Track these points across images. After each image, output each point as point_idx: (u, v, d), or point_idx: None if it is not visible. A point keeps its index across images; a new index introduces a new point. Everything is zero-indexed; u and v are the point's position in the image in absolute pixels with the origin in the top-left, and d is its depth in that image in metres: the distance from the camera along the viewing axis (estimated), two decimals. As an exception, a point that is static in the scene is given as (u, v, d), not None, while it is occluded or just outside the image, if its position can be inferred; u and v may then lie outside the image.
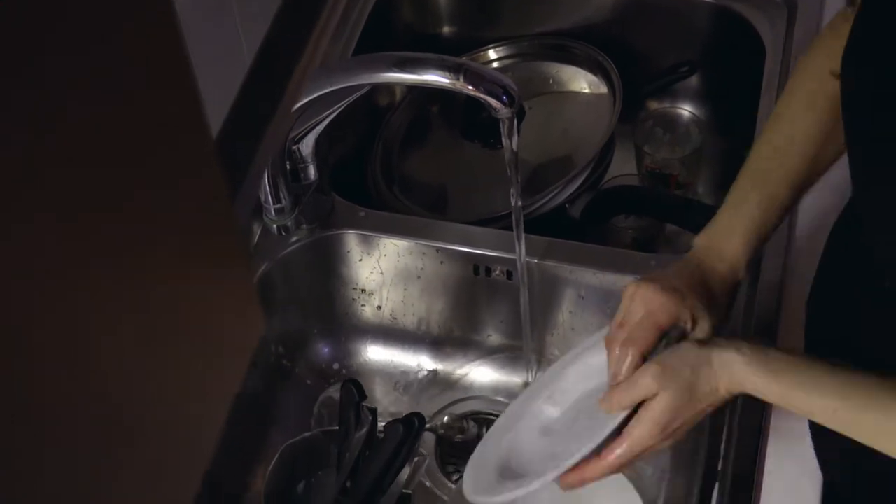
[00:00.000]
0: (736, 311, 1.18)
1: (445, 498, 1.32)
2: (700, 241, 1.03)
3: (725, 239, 1.02)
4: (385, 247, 1.37)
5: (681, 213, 1.44)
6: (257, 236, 1.34)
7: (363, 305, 1.42)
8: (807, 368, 0.91)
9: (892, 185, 0.84)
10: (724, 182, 1.55)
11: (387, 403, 1.41)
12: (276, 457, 1.23)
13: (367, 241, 1.37)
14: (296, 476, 1.26)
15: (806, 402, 0.91)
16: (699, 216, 1.37)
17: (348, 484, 1.20)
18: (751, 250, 1.02)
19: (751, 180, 1.04)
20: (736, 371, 0.90)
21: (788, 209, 1.05)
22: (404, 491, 1.19)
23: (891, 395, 0.87)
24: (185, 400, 0.48)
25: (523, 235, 1.21)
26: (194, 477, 0.51)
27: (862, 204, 0.92)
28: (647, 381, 0.90)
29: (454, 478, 1.36)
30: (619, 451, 0.92)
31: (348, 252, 1.37)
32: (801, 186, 1.05)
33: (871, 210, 0.90)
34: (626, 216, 1.49)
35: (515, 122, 1.08)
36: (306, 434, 1.26)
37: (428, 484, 1.34)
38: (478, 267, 1.35)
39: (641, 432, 0.91)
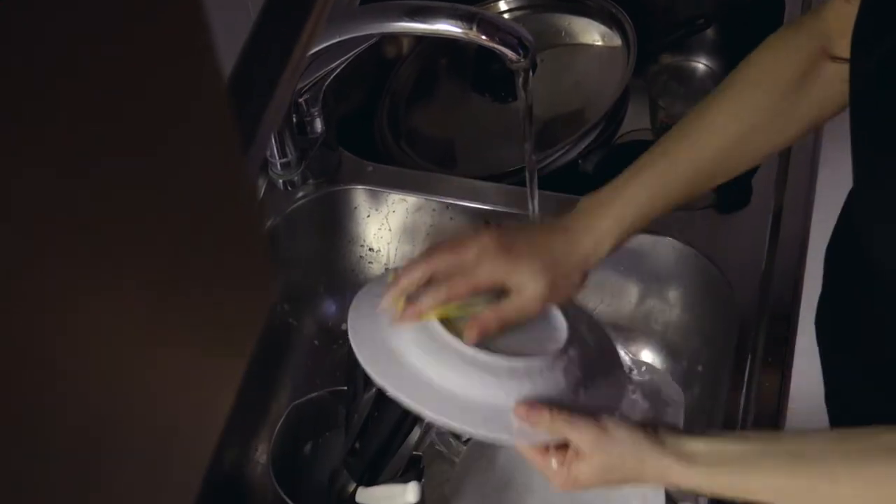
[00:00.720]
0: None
1: (455, 459, 1.30)
2: (582, 204, 0.98)
3: (602, 213, 0.96)
4: (393, 202, 1.33)
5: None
6: (262, 191, 1.31)
7: (370, 263, 1.39)
8: (743, 452, 0.83)
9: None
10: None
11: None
12: (283, 417, 1.20)
13: (374, 197, 1.33)
14: (303, 437, 1.24)
15: (749, 488, 0.83)
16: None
17: (357, 445, 1.17)
18: (622, 234, 0.96)
19: (653, 155, 0.97)
20: (668, 475, 0.85)
21: (678, 202, 0.98)
22: (414, 453, 1.16)
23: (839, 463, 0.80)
24: (188, 386, 0.45)
25: (536, 191, 1.17)
26: (195, 471, 0.49)
27: (863, 195, 0.88)
28: (586, 436, 0.86)
29: (464, 438, 1.33)
30: (530, 459, 0.90)
31: (356, 208, 1.34)
32: (701, 182, 0.98)
33: (872, 199, 0.86)
34: (640, 171, 1.45)
35: (531, 73, 1.05)
36: (313, 395, 1.23)
37: (438, 447, 1.31)
38: (488, 223, 1.31)
39: (554, 472, 0.88)
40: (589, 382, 0.96)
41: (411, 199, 1.33)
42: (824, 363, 1.07)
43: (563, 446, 0.88)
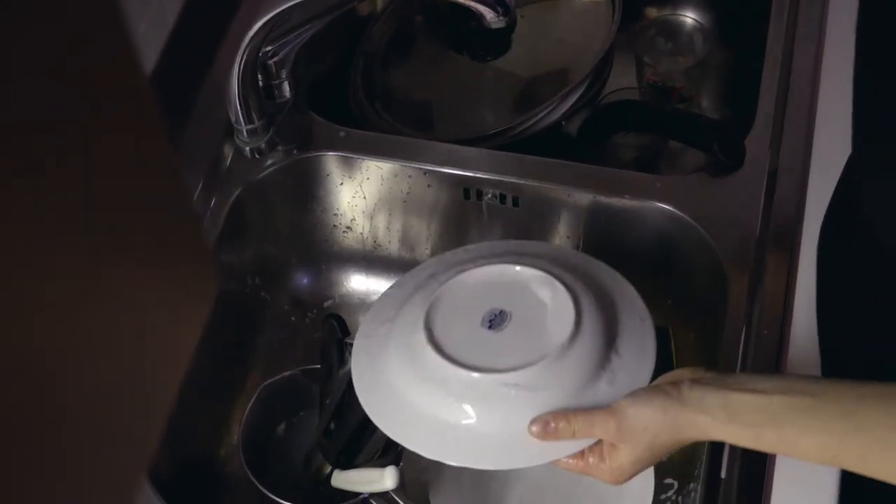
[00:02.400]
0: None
1: (436, 437, 1.24)
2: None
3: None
4: (367, 169, 1.27)
5: (684, 129, 1.34)
6: (229, 160, 1.24)
7: (345, 232, 1.33)
8: (791, 408, 0.77)
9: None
10: (731, 95, 1.46)
11: (372, 337, 1.32)
12: (254, 398, 1.14)
13: (347, 164, 1.27)
14: (275, 418, 1.18)
15: (798, 449, 0.79)
16: (705, 132, 1.29)
17: (331, 426, 1.11)
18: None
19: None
20: (710, 432, 0.80)
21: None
22: (392, 434, 1.10)
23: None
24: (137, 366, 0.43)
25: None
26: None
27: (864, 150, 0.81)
28: (609, 429, 0.82)
29: (445, 415, 1.28)
30: (571, 464, 0.86)
31: (328, 175, 1.27)
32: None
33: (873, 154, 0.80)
34: (627, 133, 1.39)
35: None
36: (285, 373, 1.17)
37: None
38: (468, 190, 1.25)
39: (600, 470, 0.85)
40: (608, 362, 0.89)
41: (387, 166, 1.26)
42: (823, 336, 1.02)
43: (597, 443, 0.85)
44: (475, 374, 0.87)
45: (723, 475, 1.03)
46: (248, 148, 1.21)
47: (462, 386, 0.87)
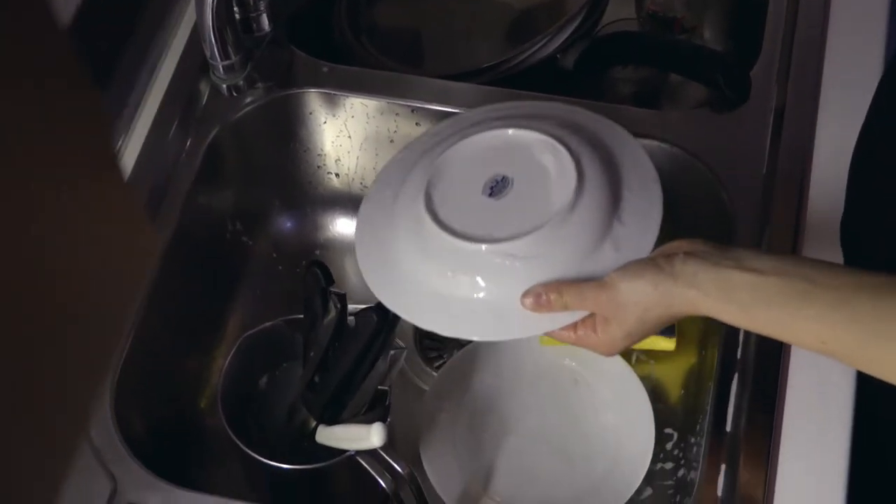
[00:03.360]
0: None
1: (426, 388, 1.19)
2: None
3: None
4: (352, 107, 1.20)
5: (686, 62, 1.29)
6: (205, 98, 1.17)
7: (329, 173, 1.26)
8: (785, 291, 0.75)
9: None
10: (734, 25, 1.39)
11: (360, 286, 1.26)
12: (234, 349, 1.08)
13: (331, 101, 1.20)
14: (257, 370, 1.12)
15: (788, 332, 0.78)
16: (707, 64, 1.23)
17: (316, 379, 1.06)
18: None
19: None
20: (701, 308, 0.78)
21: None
22: (380, 387, 1.05)
23: None
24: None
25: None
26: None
27: None
28: (600, 302, 0.81)
29: (436, 364, 1.22)
30: (564, 335, 0.86)
31: (311, 114, 1.21)
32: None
33: None
34: (625, 66, 1.34)
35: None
36: (267, 324, 1.11)
37: (408, 372, 1.20)
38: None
39: (591, 341, 0.85)
40: (611, 230, 0.86)
41: (373, 103, 1.20)
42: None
43: (589, 316, 0.84)
44: (473, 245, 0.85)
45: (728, 429, 0.98)
46: (224, 85, 1.15)
47: (460, 256, 0.86)
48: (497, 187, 0.89)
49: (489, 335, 0.88)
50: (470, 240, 0.86)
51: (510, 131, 0.92)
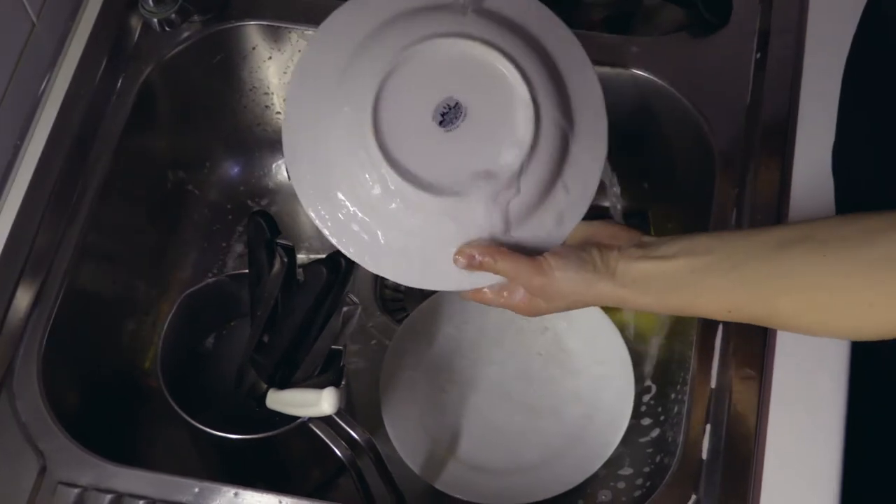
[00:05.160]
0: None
1: (387, 342, 1.10)
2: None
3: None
4: (300, 40, 1.10)
5: (662, -17, 1.18)
6: (136, 35, 1.07)
7: (279, 113, 1.17)
8: (689, 270, 0.77)
9: None
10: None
11: (314, 236, 1.17)
12: (174, 308, 0.99)
13: (276, 34, 1.10)
14: (200, 330, 1.04)
15: (697, 309, 0.80)
16: (685, -15, 1.13)
17: (265, 339, 0.97)
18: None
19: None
20: (629, 304, 0.81)
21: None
22: (334, 347, 0.96)
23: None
24: None
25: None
26: None
27: None
28: (531, 281, 0.80)
29: (398, 317, 1.14)
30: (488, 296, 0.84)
31: (254, 49, 1.11)
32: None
33: None
34: (597, -11, 1.23)
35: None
36: (210, 280, 1.02)
37: (369, 325, 1.12)
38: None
39: (515, 307, 0.84)
40: (554, 193, 0.82)
41: (322, 35, 1.10)
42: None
43: None
44: (418, 192, 0.78)
45: (712, 385, 0.90)
46: (155, 19, 1.04)
47: (403, 196, 0.78)
48: (448, 116, 0.80)
49: (411, 280, 0.82)
50: (417, 185, 0.78)
51: (476, 46, 0.81)
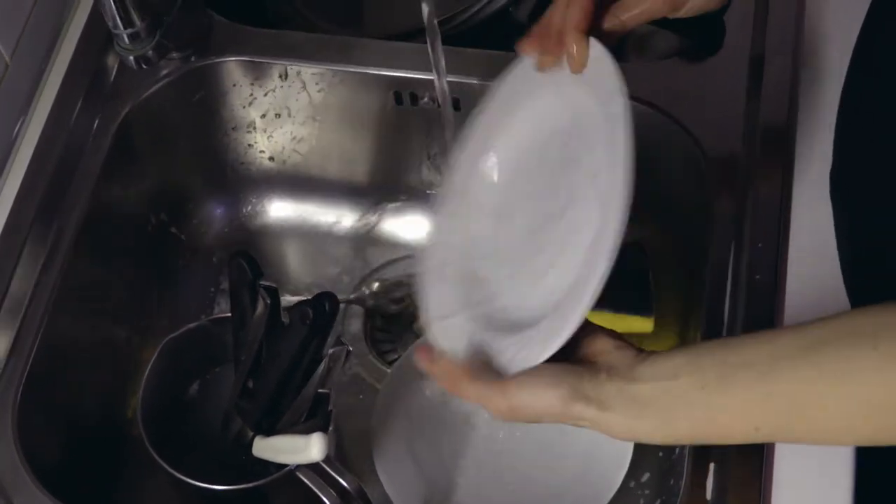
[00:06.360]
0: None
1: (377, 385, 1.07)
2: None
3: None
4: (282, 76, 1.08)
5: (653, 10, 1.16)
6: (113, 73, 1.05)
7: (261, 151, 1.14)
8: (701, 381, 0.67)
9: None
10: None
11: (301, 274, 1.14)
12: (155, 355, 0.96)
13: (258, 70, 1.08)
14: (183, 377, 1.00)
15: (719, 428, 0.68)
16: (676, 12, 1.11)
17: (250, 384, 0.94)
18: None
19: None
20: (612, 429, 0.69)
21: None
22: (320, 390, 0.93)
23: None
24: None
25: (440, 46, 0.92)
26: None
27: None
28: (499, 408, 0.71)
29: (390, 358, 1.10)
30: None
31: (235, 85, 1.08)
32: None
33: None
34: (586, 17, 1.21)
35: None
36: (192, 325, 0.99)
37: (357, 370, 1.08)
38: (400, 94, 1.07)
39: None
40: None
41: (306, 70, 1.08)
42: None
43: None
44: None
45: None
46: (131, 56, 1.02)
47: None
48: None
49: None
50: None
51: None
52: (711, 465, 0.84)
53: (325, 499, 0.89)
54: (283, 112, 1.11)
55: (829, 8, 1.03)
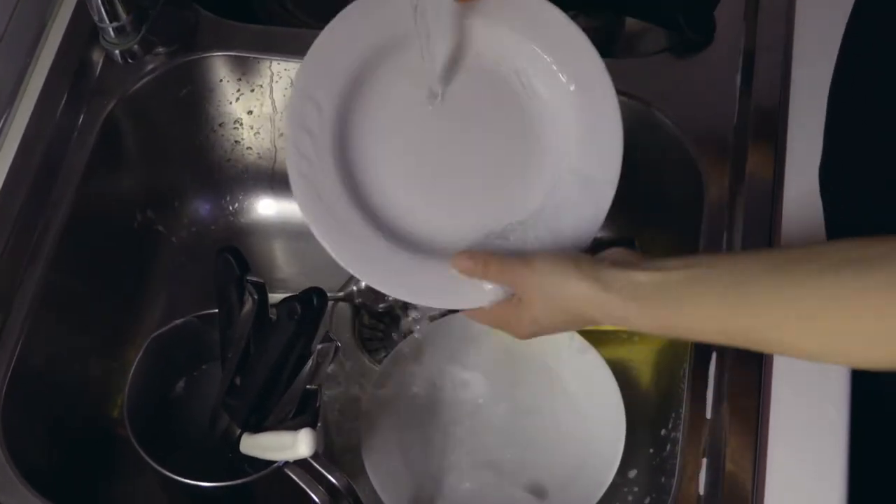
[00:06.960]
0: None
1: (367, 383, 1.06)
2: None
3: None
4: (270, 72, 1.06)
5: (643, 3, 1.15)
6: (99, 68, 1.03)
7: (249, 148, 1.13)
8: (685, 281, 0.74)
9: None
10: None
11: (289, 272, 1.13)
12: (140, 353, 0.95)
13: (245, 66, 1.07)
14: (170, 375, 0.99)
15: (692, 322, 0.74)
16: (665, 4, 1.10)
17: (237, 381, 0.93)
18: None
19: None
20: (607, 308, 0.77)
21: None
22: (308, 387, 0.92)
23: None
24: None
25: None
26: None
27: None
28: (519, 278, 0.81)
29: (378, 356, 1.09)
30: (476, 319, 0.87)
31: (221, 81, 1.07)
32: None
33: None
34: (576, 14, 1.19)
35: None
36: (178, 321, 0.97)
37: (347, 367, 1.07)
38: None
39: (507, 324, 0.85)
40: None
41: (294, 66, 1.06)
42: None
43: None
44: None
45: (708, 416, 0.86)
46: (117, 51, 1.00)
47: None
48: None
49: (407, 296, 0.85)
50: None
51: None
52: (704, 461, 0.84)
53: (313, 495, 0.88)
54: (269, 108, 1.10)
55: (819, 2, 1.02)
